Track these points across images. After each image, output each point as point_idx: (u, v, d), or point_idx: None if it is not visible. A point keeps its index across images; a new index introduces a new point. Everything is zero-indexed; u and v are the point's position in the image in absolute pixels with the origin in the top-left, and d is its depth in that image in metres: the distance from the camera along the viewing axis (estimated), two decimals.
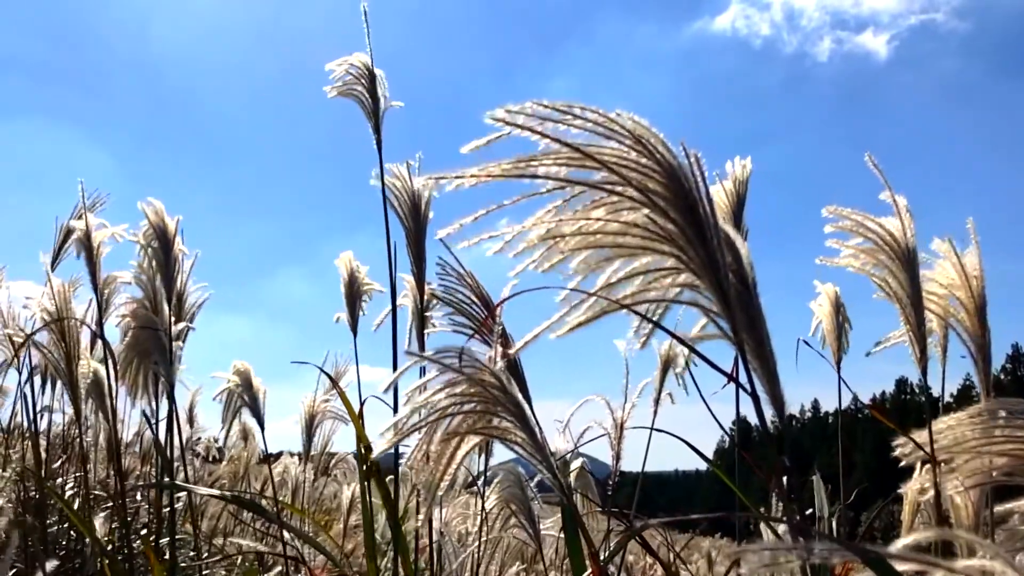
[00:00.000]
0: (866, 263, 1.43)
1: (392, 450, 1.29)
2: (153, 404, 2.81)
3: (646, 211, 0.89)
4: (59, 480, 4.09)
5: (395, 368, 2.26)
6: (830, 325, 2.54)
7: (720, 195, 2.32)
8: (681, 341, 0.97)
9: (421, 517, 2.53)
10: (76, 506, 3.67)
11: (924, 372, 1.36)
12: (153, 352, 2.49)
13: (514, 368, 1.87)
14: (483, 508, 2.42)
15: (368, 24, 2.20)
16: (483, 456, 2.75)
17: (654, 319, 0.98)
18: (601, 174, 0.91)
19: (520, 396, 1.25)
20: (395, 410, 2.01)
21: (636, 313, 0.95)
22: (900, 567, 0.65)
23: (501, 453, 2.42)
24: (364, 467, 2.12)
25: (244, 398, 2.82)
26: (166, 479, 2.81)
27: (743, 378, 0.96)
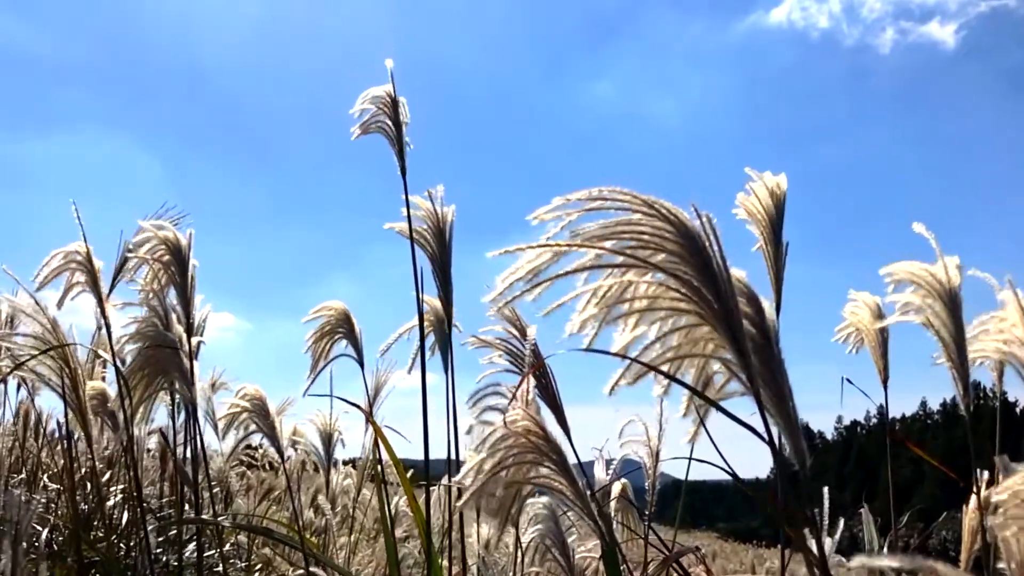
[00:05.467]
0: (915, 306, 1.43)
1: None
2: (171, 422, 2.85)
3: (662, 274, 0.93)
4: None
5: (423, 382, 2.41)
6: (874, 341, 2.43)
7: (758, 206, 2.27)
8: (703, 397, 0.96)
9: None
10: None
11: (968, 408, 1.38)
12: (170, 371, 2.50)
13: (553, 400, 1.90)
14: (517, 537, 2.42)
15: (393, 75, 2.37)
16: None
17: (677, 375, 0.99)
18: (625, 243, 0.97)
19: (560, 444, 1.36)
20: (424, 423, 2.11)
21: (661, 373, 0.97)
22: None
23: None
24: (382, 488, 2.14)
25: (260, 425, 2.76)
26: (189, 507, 2.85)
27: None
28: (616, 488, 2.78)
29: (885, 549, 2.66)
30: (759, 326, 0.95)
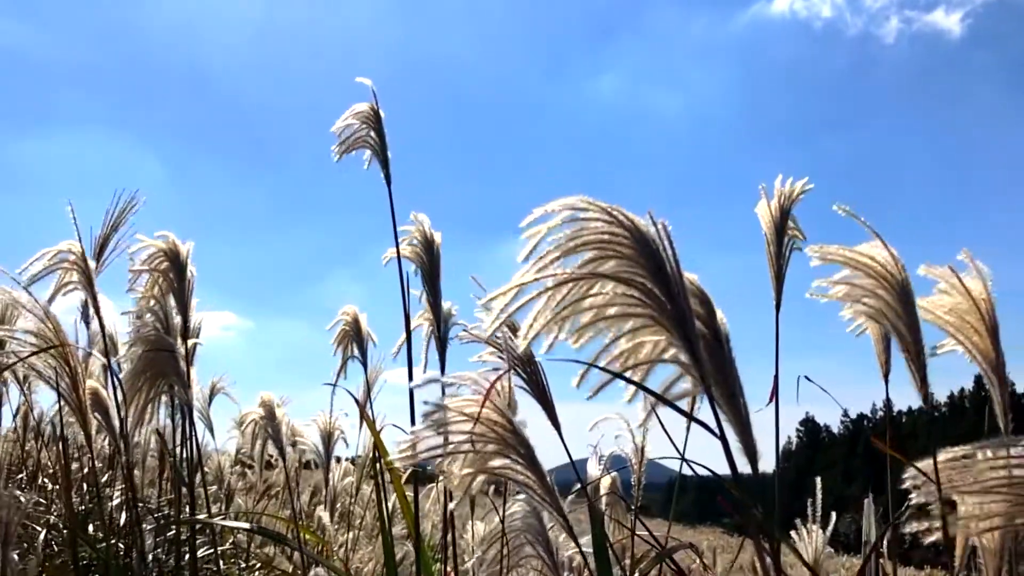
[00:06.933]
0: (859, 295, 1.45)
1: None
2: (170, 424, 2.94)
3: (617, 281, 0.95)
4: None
5: (411, 381, 2.43)
6: (876, 334, 2.43)
7: (765, 209, 2.39)
8: (661, 399, 0.99)
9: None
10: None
11: (926, 399, 1.39)
12: (168, 374, 2.55)
13: (543, 396, 1.93)
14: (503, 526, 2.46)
15: (375, 91, 2.49)
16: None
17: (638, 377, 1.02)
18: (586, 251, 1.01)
19: (528, 438, 1.36)
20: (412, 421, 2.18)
21: (621, 377, 0.99)
22: None
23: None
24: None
25: (268, 430, 3.12)
26: (187, 505, 2.90)
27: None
28: (605, 483, 2.81)
29: (884, 542, 2.69)
30: (710, 326, 0.99)
